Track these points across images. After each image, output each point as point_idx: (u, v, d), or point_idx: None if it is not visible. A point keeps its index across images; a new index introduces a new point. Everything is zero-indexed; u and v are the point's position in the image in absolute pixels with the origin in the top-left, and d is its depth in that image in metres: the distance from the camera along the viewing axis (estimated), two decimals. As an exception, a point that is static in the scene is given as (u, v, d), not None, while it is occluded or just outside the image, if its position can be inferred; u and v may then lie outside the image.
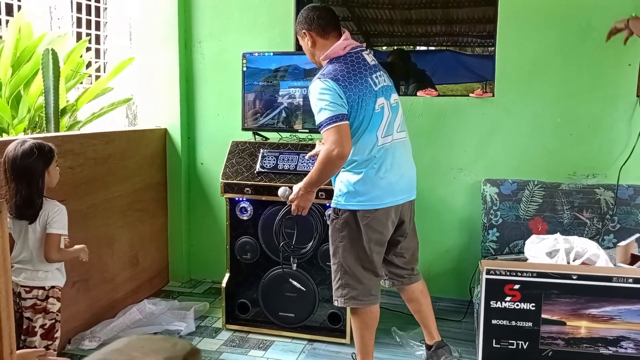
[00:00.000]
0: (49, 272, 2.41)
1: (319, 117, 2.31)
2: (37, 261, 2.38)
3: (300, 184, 2.47)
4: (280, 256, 2.88)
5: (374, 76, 2.41)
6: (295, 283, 2.95)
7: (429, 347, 2.75)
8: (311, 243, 2.81)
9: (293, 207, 2.51)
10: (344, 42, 2.42)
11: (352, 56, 2.41)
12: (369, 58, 2.47)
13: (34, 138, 2.46)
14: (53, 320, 2.43)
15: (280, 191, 2.66)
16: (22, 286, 2.36)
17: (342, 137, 2.26)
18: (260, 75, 3.23)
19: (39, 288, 2.39)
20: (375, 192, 2.39)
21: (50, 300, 2.42)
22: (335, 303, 2.54)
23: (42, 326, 2.39)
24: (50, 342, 2.41)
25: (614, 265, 2.49)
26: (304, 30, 2.47)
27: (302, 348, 3.02)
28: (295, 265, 2.92)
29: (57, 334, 2.46)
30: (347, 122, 2.30)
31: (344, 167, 2.40)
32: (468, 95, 3.50)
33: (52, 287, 2.44)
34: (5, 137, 3.46)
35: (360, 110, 2.34)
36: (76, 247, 2.48)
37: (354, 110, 2.33)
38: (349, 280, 2.46)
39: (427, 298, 2.73)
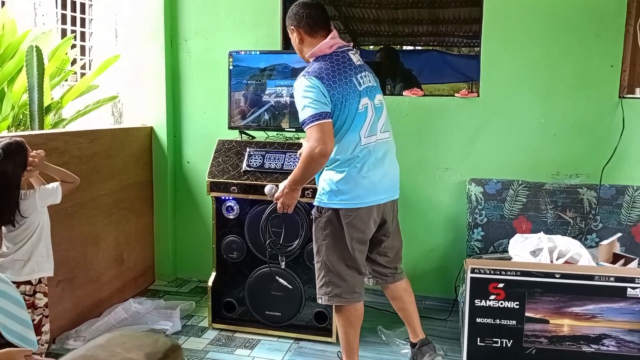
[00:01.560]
0: (36, 263, 2.41)
1: (302, 115, 2.32)
2: (26, 249, 2.38)
3: (285, 182, 2.48)
4: (267, 254, 2.90)
5: (358, 76, 2.42)
6: (282, 281, 2.96)
7: (413, 345, 2.76)
8: (297, 241, 2.83)
9: (279, 205, 2.53)
10: (331, 41, 2.42)
11: (337, 55, 2.42)
12: (355, 58, 2.48)
13: (1, 137, 2.40)
14: (41, 316, 2.44)
15: (267, 189, 2.67)
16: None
17: (325, 135, 2.27)
18: (247, 74, 3.22)
19: (25, 283, 2.39)
20: (357, 191, 2.40)
21: (38, 295, 2.43)
22: (319, 301, 2.55)
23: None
24: (38, 337, 2.41)
25: (597, 264, 2.52)
26: (292, 27, 2.48)
27: (288, 347, 3.02)
28: (283, 263, 2.93)
29: (45, 329, 2.47)
30: (330, 120, 2.31)
31: (327, 166, 2.41)
32: (454, 95, 3.52)
33: (40, 281, 2.44)
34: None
35: (344, 110, 2.34)
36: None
37: (337, 109, 2.34)
38: (333, 278, 2.48)
39: (411, 296, 2.75)
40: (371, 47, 4.03)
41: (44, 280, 2.47)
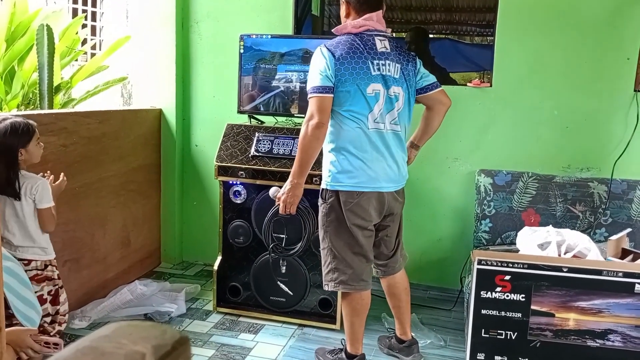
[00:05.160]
0: (46, 248, 2.45)
1: (308, 83, 2.38)
2: (29, 235, 2.40)
3: (287, 181, 2.47)
4: (270, 259, 2.93)
5: (375, 62, 2.37)
6: (282, 286, 3.01)
7: (400, 341, 2.78)
8: (300, 243, 2.84)
9: (281, 205, 2.48)
10: (361, 22, 2.40)
11: (362, 36, 2.40)
12: (380, 44, 2.41)
13: (16, 115, 2.44)
14: (57, 286, 2.47)
15: (271, 191, 2.64)
16: (19, 259, 2.37)
17: (321, 109, 2.30)
18: (258, 58, 3.20)
19: (36, 260, 2.43)
20: (358, 173, 2.38)
21: (49, 267, 2.46)
22: (326, 287, 2.54)
23: (49, 293, 2.43)
24: (57, 307, 2.44)
25: (605, 259, 2.50)
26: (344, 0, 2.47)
27: (292, 333, 3.03)
28: (284, 268, 2.94)
29: (62, 299, 2.49)
30: (331, 95, 2.32)
31: (332, 146, 2.40)
32: (465, 85, 3.49)
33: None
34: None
35: (348, 88, 2.33)
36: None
37: (342, 86, 2.33)
38: (339, 264, 2.47)
39: (409, 296, 2.75)
40: (394, 34, 3.96)
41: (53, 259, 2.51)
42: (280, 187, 2.56)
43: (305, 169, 2.41)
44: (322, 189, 2.48)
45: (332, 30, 2.48)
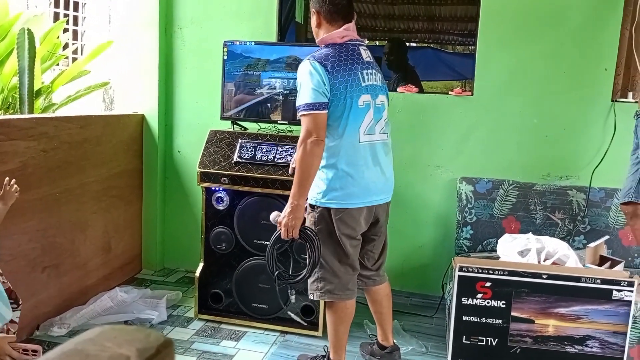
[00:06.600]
0: None
1: (299, 100, 2.31)
2: None
3: (287, 203, 2.36)
4: (277, 287, 2.76)
5: (364, 72, 2.39)
6: (292, 297, 2.78)
7: (382, 347, 2.79)
8: (306, 269, 2.47)
9: (282, 229, 2.36)
10: (344, 32, 2.39)
11: (347, 46, 2.40)
12: (365, 54, 2.45)
13: None
14: None
15: (272, 216, 2.47)
16: None
17: (317, 126, 2.26)
18: (241, 65, 3.20)
19: None
20: (350, 189, 2.36)
21: None
22: (311, 297, 2.53)
23: None
24: None
25: (584, 266, 2.54)
26: (314, 9, 2.44)
27: (274, 339, 3.02)
28: (293, 297, 2.64)
29: None
30: (325, 111, 2.29)
31: (323, 164, 2.37)
32: (447, 93, 3.53)
33: None
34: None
35: (343, 101, 2.31)
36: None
37: (336, 99, 2.30)
38: (325, 274, 2.46)
39: (390, 302, 2.75)
40: (366, 41, 4.01)
41: None
42: (279, 210, 2.46)
43: (305, 189, 2.32)
44: (311, 205, 2.44)
45: (317, 42, 2.45)
